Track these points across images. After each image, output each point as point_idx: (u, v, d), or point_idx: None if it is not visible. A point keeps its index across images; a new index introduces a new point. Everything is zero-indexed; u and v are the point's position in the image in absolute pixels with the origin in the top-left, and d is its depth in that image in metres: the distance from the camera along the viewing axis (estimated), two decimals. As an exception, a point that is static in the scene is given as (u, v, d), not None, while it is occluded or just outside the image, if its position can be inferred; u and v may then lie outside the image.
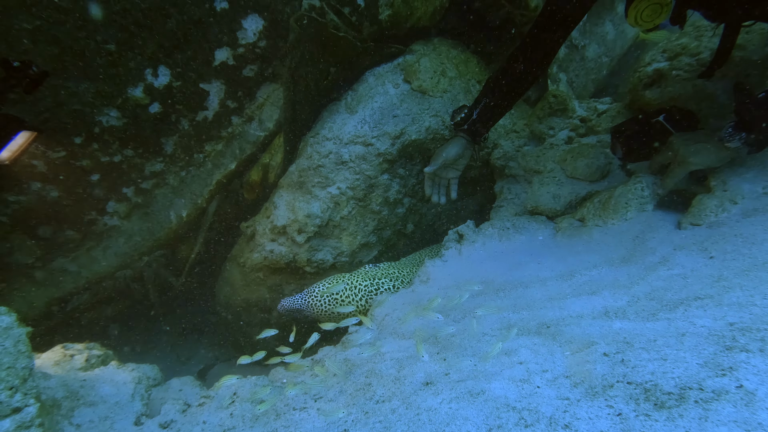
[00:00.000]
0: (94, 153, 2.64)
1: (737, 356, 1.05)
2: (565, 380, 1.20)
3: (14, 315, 1.13)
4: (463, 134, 2.23)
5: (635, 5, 1.71)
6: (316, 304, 2.43)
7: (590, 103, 3.13)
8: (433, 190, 2.38)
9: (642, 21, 1.73)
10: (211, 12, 2.38)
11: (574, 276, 1.81)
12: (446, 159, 2.31)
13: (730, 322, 1.21)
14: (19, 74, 1.72)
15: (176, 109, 2.71)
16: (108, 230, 3.03)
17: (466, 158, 2.29)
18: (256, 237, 2.88)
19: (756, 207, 1.70)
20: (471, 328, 1.63)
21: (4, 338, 1.04)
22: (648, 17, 1.72)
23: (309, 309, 2.45)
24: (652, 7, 1.69)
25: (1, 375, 0.99)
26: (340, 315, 2.39)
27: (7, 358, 1.02)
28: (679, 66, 2.44)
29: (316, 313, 2.44)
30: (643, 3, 1.69)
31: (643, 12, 1.71)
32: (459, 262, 2.31)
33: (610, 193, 2.16)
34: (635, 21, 1.73)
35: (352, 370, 1.69)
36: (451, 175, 2.34)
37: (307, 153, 2.75)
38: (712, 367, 1.05)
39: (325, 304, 2.43)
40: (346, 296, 2.40)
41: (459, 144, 2.25)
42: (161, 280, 3.39)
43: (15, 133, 2.01)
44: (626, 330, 1.34)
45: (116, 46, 2.23)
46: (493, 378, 1.30)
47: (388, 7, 2.84)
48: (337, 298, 2.42)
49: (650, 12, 1.70)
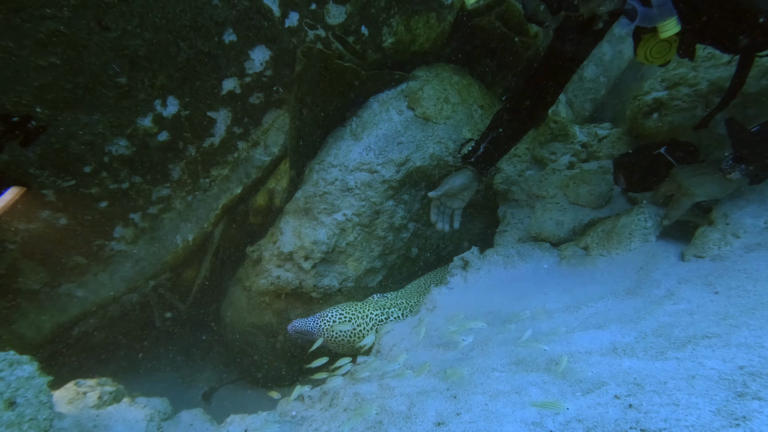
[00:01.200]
0: (103, 181, 2.66)
1: (750, 404, 1.08)
2: (578, 424, 1.21)
3: (36, 363, 1.14)
4: (470, 167, 2.29)
5: (643, 44, 1.76)
6: (328, 330, 2.43)
7: (590, 128, 3.18)
8: (438, 218, 2.44)
9: (652, 58, 1.77)
10: (219, 45, 2.43)
11: (580, 308, 1.84)
12: (451, 187, 2.37)
13: (740, 365, 1.23)
14: (18, 128, 1.76)
15: (183, 136, 2.74)
16: (115, 255, 3.05)
17: (471, 190, 2.35)
18: (262, 262, 2.90)
19: (759, 242, 1.73)
20: (481, 364, 1.66)
21: (26, 389, 1.05)
22: (657, 54, 1.77)
23: (319, 333, 2.44)
24: (661, 44, 1.74)
25: (23, 428, 1.00)
26: (350, 344, 2.40)
27: (29, 409, 1.03)
28: (678, 96, 2.49)
29: (326, 339, 2.45)
30: (651, 42, 1.74)
31: (652, 50, 1.75)
32: (465, 289, 2.33)
33: (614, 222, 2.19)
34: (645, 59, 1.78)
35: (362, 405, 1.70)
36: (456, 206, 2.39)
37: (313, 179, 2.79)
38: (725, 415, 1.07)
39: (336, 331, 2.42)
40: (357, 324, 2.40)
41: (465, 175, 2.30)
42: (167, 304, 3.40)
43: (4, 189, 2.03)
44: (636, 370, 1.36)
45: (127, 79, 2.27)
46: (505, 420, 1.32)
47: (391, 35, 2.90)
48: (349, 323, 2.42)
49: (659, 49, 1.75)
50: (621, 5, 1.59)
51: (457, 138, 2.83)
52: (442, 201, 2.48)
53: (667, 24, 1.59)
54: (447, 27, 3.03)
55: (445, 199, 2.47)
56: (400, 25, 2.86)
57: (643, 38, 1.74)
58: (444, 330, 2.02)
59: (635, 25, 1.62)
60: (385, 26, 2.83)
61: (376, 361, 2.03)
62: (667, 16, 1.58)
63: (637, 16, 1.59)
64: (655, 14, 1.59)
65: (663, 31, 1.61)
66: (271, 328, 3.02)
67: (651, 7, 1.57)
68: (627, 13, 1.60)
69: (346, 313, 2.42)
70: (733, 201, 1.94)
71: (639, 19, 1.59)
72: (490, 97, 3.24)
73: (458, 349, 1.84)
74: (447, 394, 1.56)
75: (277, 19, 2.51)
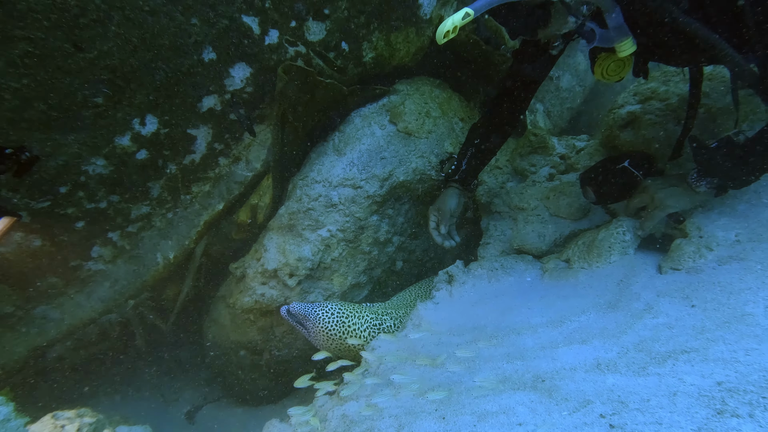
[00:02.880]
0: (80, 201, 2.59)
1: (729, 422, 1.12)
2: (566, 445, 1.24)
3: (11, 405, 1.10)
4: (455, 184, 2.37)
5: (600, 63, 1.85)
6: (325, 320, 2.36)
7: (569, 140, 3.25)
8: (441, 239, 2.46)
9: (608, 75, 1.87)
10: (199, 63, 2.40)
11: (564, 323, 1.87)
12: (453, 212, 2.43)
13: (718, 381, 1.28)
14: (11, 160, 1.72)
15: (163, 154, 2.70)
16: (92, 275, 2.97)
17: (461, 206, 2.44)
18: (246, 279, 2.87)
19: (731, 254, 1.80)
20: (467, 382, 1.67)
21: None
22: (613, 72, 1.86)
23: (315, 322, 2.36)
24: (617, 63, 1.83)
25: (1, 475, 0.97)
26: (341, 342, 2.36)
27: (7, 455, 1.00)
28: (650, 110, 2.57)
29: (319, 329, 2.37)
30: (607, 60, 1.83)
31: (608, 68, 1.85)
32: (451, 304, 2.35)
33: (594, 235, 2.25)
34: (602, 76, 1.88)
35: (350, 428, 1.70)
36: (449, 223, 2.46)
37: (296, 195, 2.77)
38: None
39: (333, 324, 2.36)
40: (353, 323, 2.38)
41: (455, 194, 2.43)
42: (148, 323, 3.33)
43: None
44: (619, 387, 1.40)
45: (104, 99, 2.23)
46: (495, 441, 1.33)
47: (371, 50, 2.92)
48: (345, 321, 2.38)
49: (615, 67, 1.85)
50: (580, 28, 1.66)
51: (439, 152, 2.86)
52: (437, 222, 2.53)
53: (624, 44, 1.67)
54: (426, 41, 3.07)
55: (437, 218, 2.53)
56: (380, 40, 2.88)
57: (599, 57, 1.83)
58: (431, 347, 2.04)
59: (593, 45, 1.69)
60: (366, 42, 2.84)
61: (364, 379, 2.03)
62: (624, 37, 1.66)
63: (595, 38, 1.66)
64: (612, 36, 1.66)
65: (621, 51, 1.69)
66: (255, 346, 2.98)
67: (608, 29, 1.65)
68: (585, 35, 1.67)
69: (345, 309, 2.41)
70: (706, 214, 2.01)
71: (597, 40, 1.66)
72: (470, 110, 3.29)
73: (445, 367, 1.85)
74: (436, 414, 1.57)
75: (257, 36, 2.50)
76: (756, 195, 1.95)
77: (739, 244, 1.82)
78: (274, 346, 2.92)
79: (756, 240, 1.80)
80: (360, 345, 2.33)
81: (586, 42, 1.71)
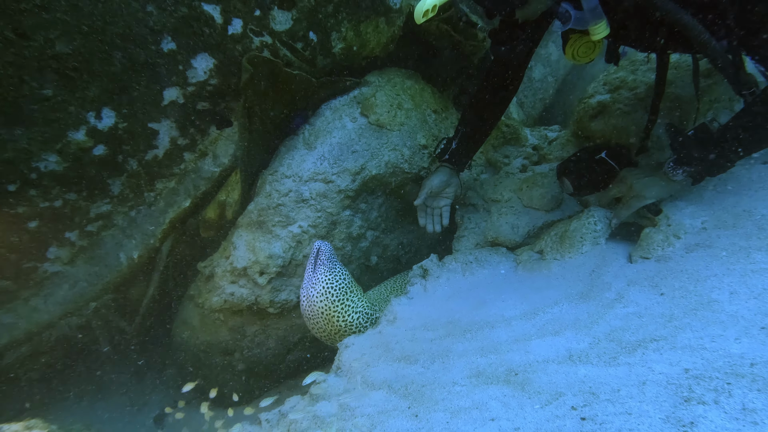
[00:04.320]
0: (32, 199, 2.44)
1: (695, 409, 1.11)
2: (537, 439, 1.22)
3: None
4: (445, 164, 2.37)
5: (571, 44, 1.88)
6: (337, 276, 2.30)
7: (541, 131, 3.26)
8: (426, 220, 2.49)
9: (579, 57, 1.90)
10: (158, 53, 2.28)
11: (537, 315, 1.86)
12: (431, 188, 2.46)
13: (686, 368, 1.28)
14: None
15: (123, 149, 2.56)
16: (49, 277, 2.81)
17: (454, 186, 2.46)
18: (215, 279, 2.77)
19: (697, 242, 1.81)
20: (442, 378, 1.64)
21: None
22: (584, 53, 1.89)
23: (328, 272, 2.29)
24: (587, 44, 1.86)
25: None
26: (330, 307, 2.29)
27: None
28: (620, 99, 2.59)
29: (326, 279, 2.28)
30: (578, 42, 1.86)
31: (578, 49, 1.87)
32: (425, 299, 2.32)
33: (566, 226, 2.25)
34: (573, 57, 1.90)
35: (322, 429, 1.64)
36: (443, 204, 2.50)
37: (266, 191, 2.69)
38: (673, 422, 1.10)
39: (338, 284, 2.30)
40: (351, 300, 2.32)
41: (442, 173, 2.42)
42: (112, 326, 3.19)
43: None
44: (591, 377, 1.39)
45: (53, 90, 2.09)
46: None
47: (340, 41, 2.84)
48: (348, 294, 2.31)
49: (585, 49, 1.88)
50: (555, 8, 1.65)
51: (412, 144, 2.82)
52: (428, 203, 2.54)
53: (597, 27, 1.67)
54: (397, 31, 3.01)
55: (430, 200, 2.54)
56: (349, 30, 2.81)
57: (571, 38, 1.85)
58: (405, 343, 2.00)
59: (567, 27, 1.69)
60: (334, 32, 2.76)
61: (337, 379, 1.98)
62: (598, 20, 1.66)
63: (570, 20, 1.65)
64: (587, 18, 1.66)
65: (594, 34, 1.69)
66: (226, 346, 2.89)
67: (583, 11, 1.64)
68: (560, 16, 1.66)
69: (353, 286, 2.37)
70: (674, 202, 2.03)
71: (572, 22, 1.65)
72: (443, 101, 3.25)
73: (419, 363, 1.82)
74: (408, 412, 1.54)
75: (220, 26, 2.39)
76: (722, 182, 1.97)
77: (706, 232, 1.84)
78: (245, 346, 2.83)
79: (721, 227, 1.82)
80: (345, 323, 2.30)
81: (561, 23, 1.69)
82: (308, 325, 2.40)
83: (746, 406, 1.10)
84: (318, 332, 2.38)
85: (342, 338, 2.28)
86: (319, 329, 2.35)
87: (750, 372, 1.19)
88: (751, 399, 1.12)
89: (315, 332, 2.40)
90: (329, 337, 2.36)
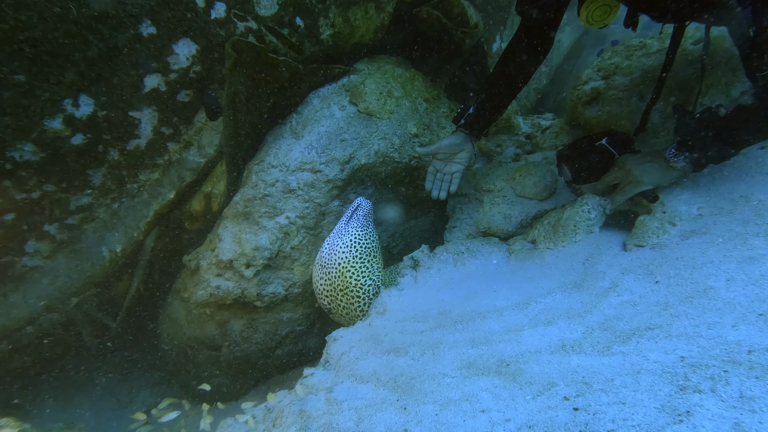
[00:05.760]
0: (7, 191, 2.36)
1: (691, 398, 1.07)
2: (528, 431, 1.17)
3: None
4: (461, 129, 2.34)
5: (586, 5, 1.81)
6: (367, 234, 2.27)
7: (534, 119, 3.20)
8: (434, 185, 2.42)
9: (593, 21, 1.84)
10: (137, 38, 2.19)
11: (529, 304, 1.81)
12: (439, 147, 2.40)
13: (681, 356, 1.23)
14: None
15: (103, 139, 2.48)
16: (28, 272, 2.73)
17: (467, 152, 2.39)
18: (200, 272, 2.70)
19: (693, 229, 1.77)
20: (432, 370, 1.59)
21: None
22: (599, 17, 1.83)
23: (360, 227, 2.26)
24: (602, 8, 1.81)
25: None
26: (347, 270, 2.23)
27: None
28: (614, 85, 2.53)
29: (357, 236, 2.25)
30: (593, 4, 1.80)
31: (594, 12, 1.82)
32: (415, 290, 2.26)
33: (559, 215, 2.20)
34: (587, 20, 1.84)
35: (307, 424, 1.59)
36: (454, 170, 2.44)
37: (252, 182, 2.61)
38: (669, 411, 1.05)
39: (364, 244, 2.25)
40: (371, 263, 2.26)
41: (456, 136, 2.36)
42: (95, 322, 3.11)
43: None
44: (584, 367, 1.34)
45: (26, 76, 2.00)
46: (456, 430, 1.25)
47: (328, 27, 2.76)
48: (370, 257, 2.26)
49: (600, 12, 1.82)
50: None
51: (402, 133, 2.75)
52: (438, 168, 2.48)
53: None
54: (386, 18, 2.93)
55: (441, 165, 2.47)
56: (337, 16, 2.73)
57: (586, 0, 1.79)
58: (395, 335, 1.95)
59: None
60: (322, 17, 2.69)
61: (325, 373, 1.92)
62: None
63: None
64: None
65: None
66: (213, 341, 2.83)
67: None
68: None
69: (378, 255, 2.33)
70: (669, 189, 1.98)
71: None
72: (434, 90, 3.19)
73: (409, 355, 1.77)
74: (397, 405, 1.48)
75: (201, 9, 2.31)
76: (718, 168, 1.93)
77: (702, 218, 1.80)
78: (232, 341, 2.77)
79: (718, 213, 1.78)
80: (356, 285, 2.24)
81: None
82: (314, 278, 2.32)
83: (744, 393, 1.06)
84: (322, 287, 2.29)
85: (343, 300, 2.22)
86: (324, 283, 2.27)
87: (747, 359, 1.15)
88: (749, 386, 1.07)
89: (319, 287, 2.31)
90: (331, 294, 2.27)
